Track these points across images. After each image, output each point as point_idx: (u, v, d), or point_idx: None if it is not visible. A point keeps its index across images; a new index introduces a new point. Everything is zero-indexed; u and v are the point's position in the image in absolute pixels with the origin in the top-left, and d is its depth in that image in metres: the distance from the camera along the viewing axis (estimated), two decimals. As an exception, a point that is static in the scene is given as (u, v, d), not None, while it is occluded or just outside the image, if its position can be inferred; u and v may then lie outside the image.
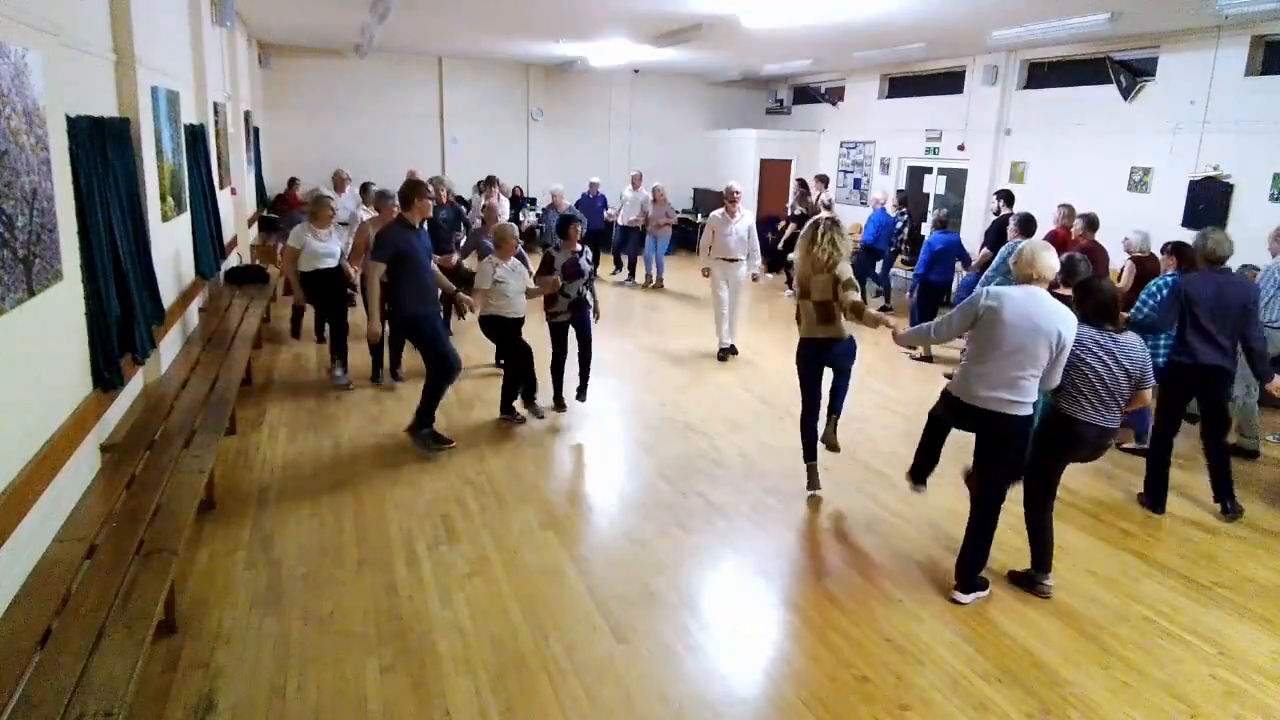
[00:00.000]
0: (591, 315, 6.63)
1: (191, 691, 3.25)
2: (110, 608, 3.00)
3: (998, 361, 3.89)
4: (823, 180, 12.94)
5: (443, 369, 5.68)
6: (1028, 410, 3.97)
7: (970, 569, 4.18)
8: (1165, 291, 5.32)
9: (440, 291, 6.11)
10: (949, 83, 13.06)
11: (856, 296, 4.76)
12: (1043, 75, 11.61)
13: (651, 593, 4.14)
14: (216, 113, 9.00)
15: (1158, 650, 3.82)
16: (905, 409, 7.22)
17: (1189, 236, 8.13)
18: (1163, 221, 9.08)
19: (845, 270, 4.84)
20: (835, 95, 16.00)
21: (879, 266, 11.64)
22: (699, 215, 15.91)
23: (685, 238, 16.13)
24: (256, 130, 13.32)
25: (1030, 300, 3.91)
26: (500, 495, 5.20)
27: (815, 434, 5.30)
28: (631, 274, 12.89)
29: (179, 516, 3.75)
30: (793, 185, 13.50)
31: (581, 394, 6.71)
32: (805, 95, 16.96)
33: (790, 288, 12.22)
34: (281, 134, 14.91)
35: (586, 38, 11.98)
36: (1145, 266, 7.26)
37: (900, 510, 5.20)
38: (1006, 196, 9.46)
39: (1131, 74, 10.00)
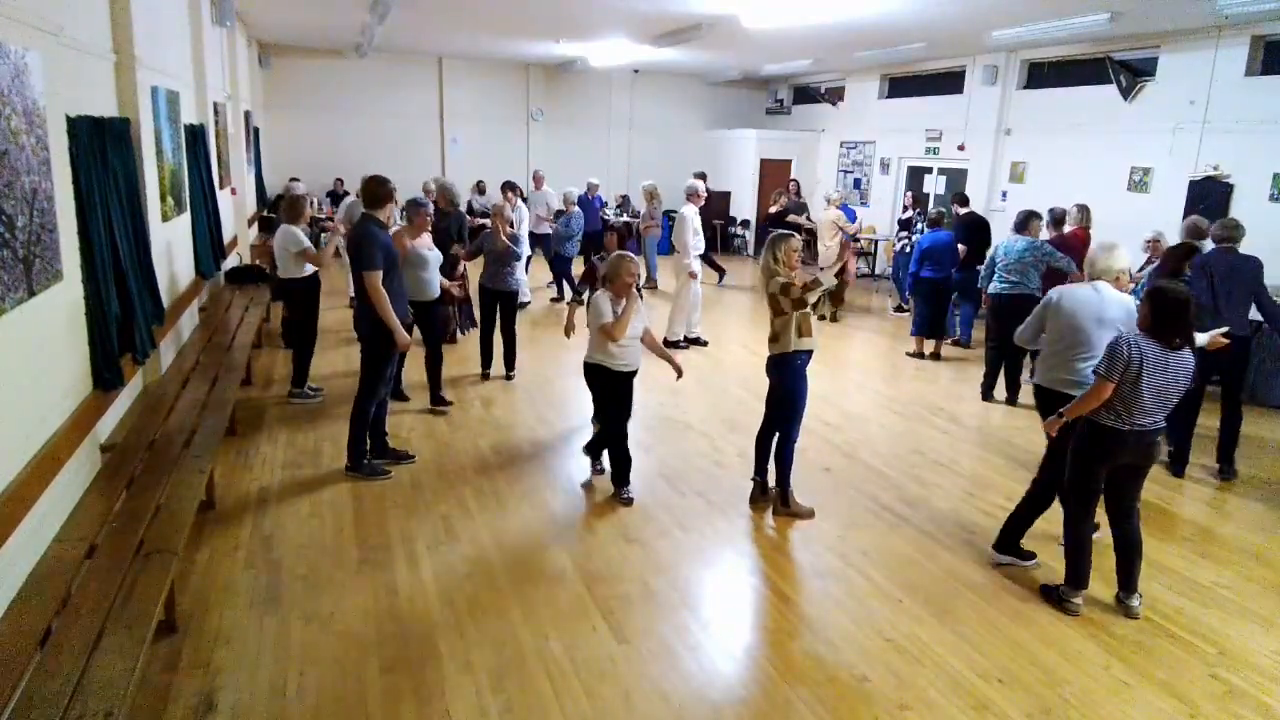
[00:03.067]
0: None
1: (191, 691, 3.25)
2: (110, 608, 3.00)
3: (1063, 353, 4.43)
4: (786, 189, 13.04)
5: (369, 394, 5.28)
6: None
7: (1013, 532, 4.50)
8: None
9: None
10: (949, 83, 13.06)
11: (793, 293, 4.62)
12: (1043, 75, 11.62)
13: (651, 593, 4.14)
14: (216, 113, 9.00)
15: (1158, 650, 3.82)
16: (904, 409, 7.23)
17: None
18: (1162, 222, 9.08)
19: (775, 286, 4.74)
20: (835, 95, 16.01)
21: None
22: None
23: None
24: (256, 130, 13.32)
25: (1093, 295, 4.39)
26: (500, 495, 5.20)
27: (765, 449, 5.15)
28: (560, 291, 11.11)
29: (179, 516, 3.76)
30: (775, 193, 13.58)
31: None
32: (805, 95, 16.96)
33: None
34: (281, 134, 14.92)
35: (586, 38, 11.98)
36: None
37: (899, 510, 5.20)
38: (961, 199, 10.27)
39: (1131, 74, 10.01)
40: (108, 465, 4.24)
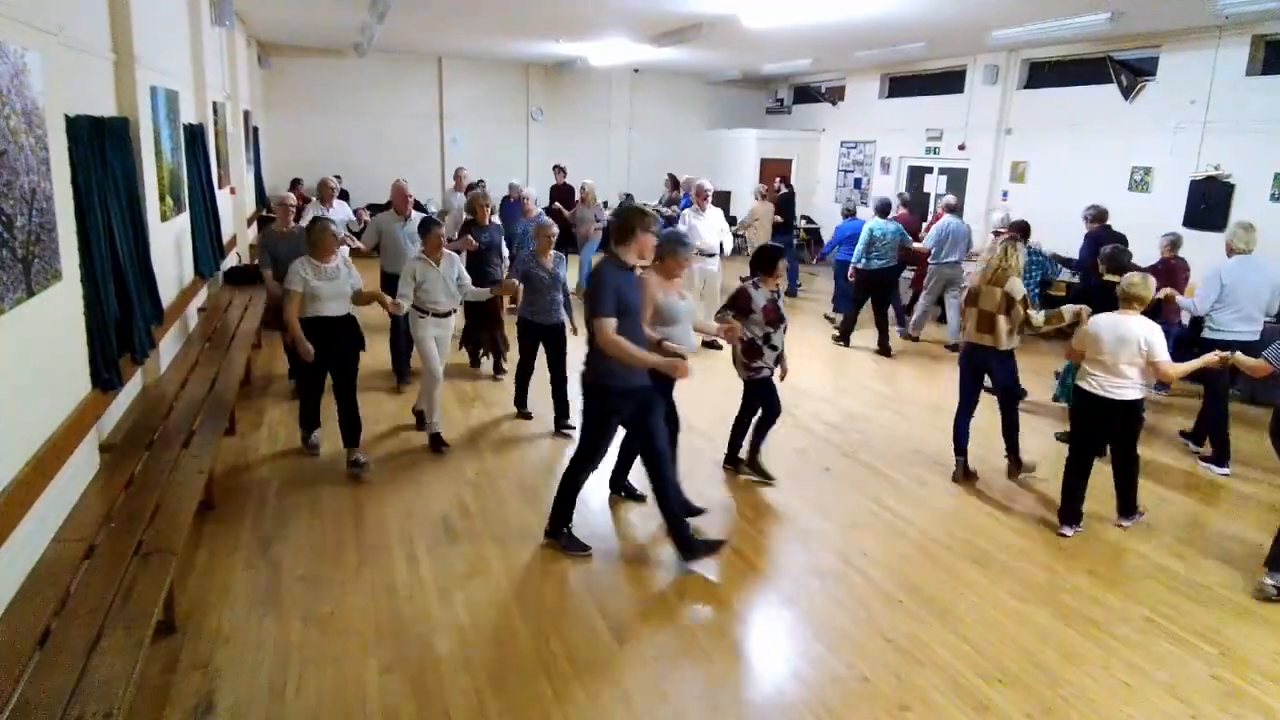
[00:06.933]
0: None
1: (191, 691, 3.25)
2: (110, 608, 3.00)
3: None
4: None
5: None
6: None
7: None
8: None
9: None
10: (949, 82, 13.06)
11: (1036, 316, 5.32)
12: (1043, 75, 11.62)
13: (651, 593, 4.14)
14: (216, 113, 9.00)
15: (1158, 650, 3.82)
16: (903, 408, 7.22)
17: (1190, 237, 8.19)
18: (1163, 221, 9.08)
19: (1018, 288, 5.29)
20: (835, 95, 16.01)
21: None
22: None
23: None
24: (256, 130, 13.31)
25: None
26: (500, 495, 5.20)
27: (965, 432, 5.65)
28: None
29: (179, 516, 3.75)
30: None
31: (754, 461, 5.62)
32: (805, 95, 16.96)
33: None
34: (281, 134, 14.91)
35: (586, 37, 11.98)
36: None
37: (900, 510, 5.19)
38: (783, 180, 12.57)
39: (1132, 74, 10.00)
40: (107, 465, 4.24)
